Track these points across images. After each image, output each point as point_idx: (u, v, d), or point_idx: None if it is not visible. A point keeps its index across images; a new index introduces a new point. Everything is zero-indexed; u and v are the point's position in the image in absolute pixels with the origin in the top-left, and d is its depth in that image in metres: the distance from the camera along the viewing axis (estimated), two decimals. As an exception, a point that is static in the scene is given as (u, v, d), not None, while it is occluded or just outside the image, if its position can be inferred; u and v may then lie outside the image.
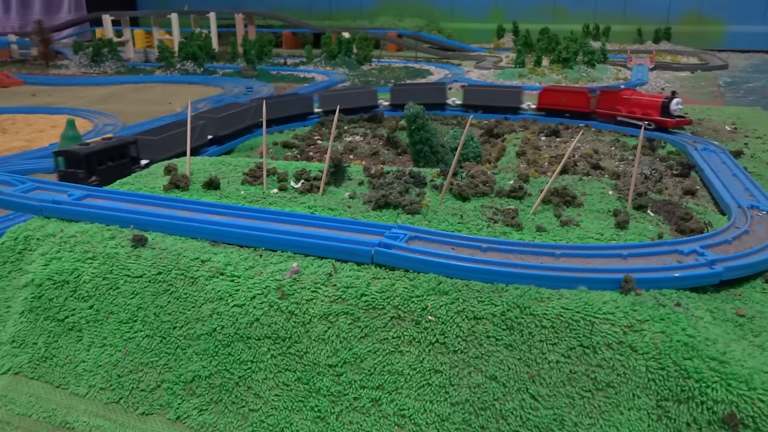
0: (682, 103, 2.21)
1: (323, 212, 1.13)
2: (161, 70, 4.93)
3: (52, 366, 0.96)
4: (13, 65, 5.46)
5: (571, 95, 2.58)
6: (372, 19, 8.48)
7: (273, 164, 1.44)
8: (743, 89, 4.28)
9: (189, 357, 0.91)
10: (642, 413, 0.74)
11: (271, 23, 8.11)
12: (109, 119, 3.00)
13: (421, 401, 0.81)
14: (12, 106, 3.39)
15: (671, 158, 1.92)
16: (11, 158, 2.21)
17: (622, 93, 2.41)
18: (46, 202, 1.11)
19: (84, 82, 4.50)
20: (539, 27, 6.23)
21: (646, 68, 5.11)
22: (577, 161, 1.83)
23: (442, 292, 0.84)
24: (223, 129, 2.18)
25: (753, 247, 0.98)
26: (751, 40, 7.27)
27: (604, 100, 2.49)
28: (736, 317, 0.83)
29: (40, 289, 1.00)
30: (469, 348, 0.81)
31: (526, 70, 4.79)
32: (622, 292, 0.83)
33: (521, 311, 0.81)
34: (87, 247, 1.01)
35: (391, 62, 5.98)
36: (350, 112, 2.68)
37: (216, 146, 2.15)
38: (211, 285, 0.92)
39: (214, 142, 2.16)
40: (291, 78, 4.73)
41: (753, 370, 0.71)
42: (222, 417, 0.87)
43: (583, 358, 0.77)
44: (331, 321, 0.86)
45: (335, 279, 0.89)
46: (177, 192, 1.26)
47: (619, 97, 2.40)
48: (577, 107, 2.55)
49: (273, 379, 0.87)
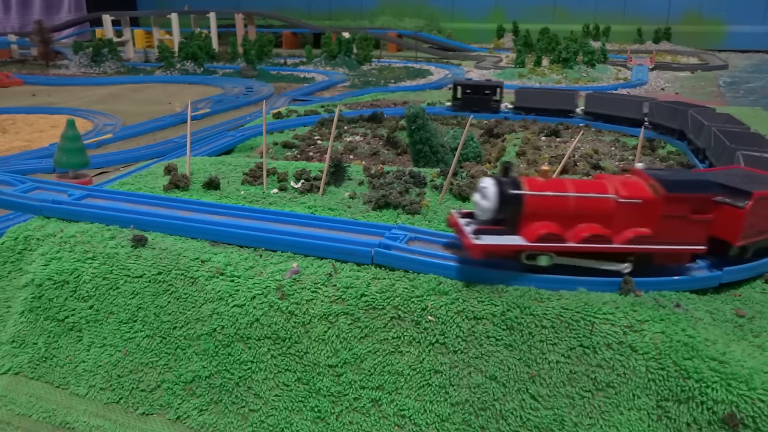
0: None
1: (323, 212, 1.13)
2: (161, 70, 4.93)
3: (52, 366, 0.96)
4: (13, 65, 5.45)
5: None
6: (372, 19, 8.48)
7: (273, 164, 1.44)
8: (743, 89, 4.28)
9: (189, 357, 0.91)
10: (642, 413, 0.74)
11: (271, 23, 8.11)
12: (109, 119, 3.00)
13: (421, 401, 0.81)
14: (12, 106, 3.39)
15: (671, 158, 1.92)
16: (11, 158, 2.20)
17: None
18: (46, 202, 1.11)
19: (84, 82, 4.50)
20: (539, 27, 6.23)
21: (646, 68, 5.12)
22: (577, 161, 1.83)
23: (442, 293, 0.84)
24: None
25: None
26: (751, 40, 7.28)
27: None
28: (736, 318, 0.84)
29: (40, 289, 1.00)
30: (469, 348, 0.81)
31: (526, 70, 4.79)
32: (622, 293, 0.83)
33: (521, 311, 0.81)
34: (87, 247, 1.01)
35: (391, 62, 5.98)
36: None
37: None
38: (211, 285, 0.92)
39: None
40: (291, 78, 4.73)
41: (753, 370, 0.71)
42: (222, 417, 0.87)
43: (583, 359, 0.77)
44: (331, 321, 0.86)
45: (335, 279, 0.89)
46: (177, 192, 1.26)
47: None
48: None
49: (273, 380, 0.87)
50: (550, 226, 0.82)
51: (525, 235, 0.82)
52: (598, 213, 0.83)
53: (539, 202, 0.82)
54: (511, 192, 0.82)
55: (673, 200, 0.83)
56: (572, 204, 0.83)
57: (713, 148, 1.67)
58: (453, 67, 5.49)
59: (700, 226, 0.86)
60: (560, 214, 0.83)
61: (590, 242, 0.83)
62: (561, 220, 0.83)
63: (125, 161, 2.20)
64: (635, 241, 0.84)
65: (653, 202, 0.83)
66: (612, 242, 0.83)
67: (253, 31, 6.83)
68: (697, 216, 0.85)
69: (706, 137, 1.75)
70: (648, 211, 0.83)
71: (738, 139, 1.56)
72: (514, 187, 0.82)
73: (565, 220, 0.83)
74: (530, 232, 0.82)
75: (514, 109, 2.75)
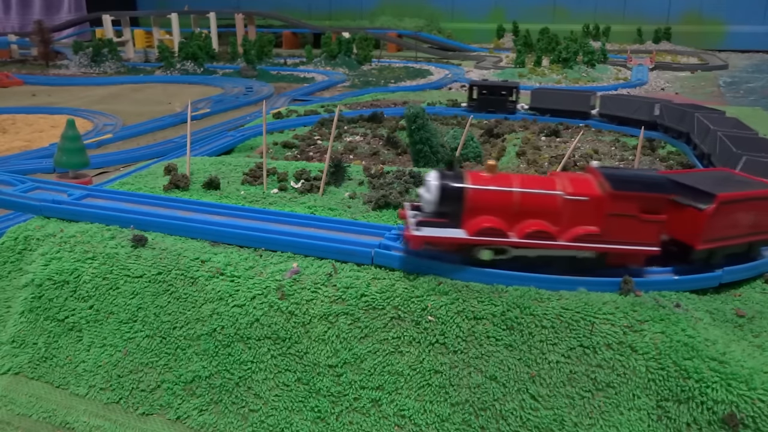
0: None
1: (323, 212, 1.14)
2: (161, 70, 4.93)
3: (52, 366, 0.96)
4: (13, 65, 5.46)
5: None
6: (372, 19, 8.48)
7: (273, 164, 1.44)
8: (743, 89, 4.28)
9: (189, 357, 0.91)
10: (642, 413, 0.74)
11: (271, 23, 8.11)
12: (109, 119, 3.00)
13: (421, 402, 0.81)
14: (12, 106, 3.39)
15: (671, 158, 1.92)
16: (11, 158, 2.20)
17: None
18: (46, 202, 1.11)
19: (84, 82, 4.50)
20: (539, 27, 6.24)
21: (646, 68, 5.12)
22: (577, 161, 1.83)
23: (442, 293, 0.84)
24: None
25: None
26: (751, 40, 7.28)
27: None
28: (736, 318, 0.84)
29: (40, 289, 1.00)
30: (469, 348, 0.81)
31: (526, 70, 4.79)
32: (622, 293, 0.83)
33: (521, 311, 0.81)
34: (87, 247, 1.01)
35: (391, 62, 5.98)
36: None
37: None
38: (211, 285, 0.92)
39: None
40: (291, 78, 4.73)
41: (753, 370, 0.71)
42: (222, 417, 0.87)
43: (583, 359, 0.77)
44: (331, 321, 0.86)
45: (335, 279, 0.89)
46: (177, 192, 1.26)
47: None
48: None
49: (273, 380, 0.87)
50: (492, 221, 0.82)
51: (467, 228, 0.83)
52: (544, 209, 0.83)
53: (481, 196, 0.82)
54: (453, 186, 0.82)
55: (619, 198, 0.82)
56: (516, 199, 0.82)
57: (719, 155, 1.61)
58: (453, 67, 5.49)
59: (653, 226, 0.83)
60: (504, 209, 0.82)
61: (534, 238, 0.82)
62: (505, 216, 0.83)
63: (125, 161, 2.20)
64: (582, 239, 0.83)
65: (600, 200, 0.82)
66: (557, 239, 0.83)
67: (253, 31, 6.83)
68: (648, 216, 0.83)
69: (712, 142, 1.70)
70: (595, 209, 0.82)
71: (744, 144, 1.51)
72: (456, 181, 0.83)
73: (510, 216, 0.83)
74: (472, 225, 0.82)
75: (529, 109, 2.71)
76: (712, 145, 1.70)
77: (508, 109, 2.72)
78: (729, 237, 0.89)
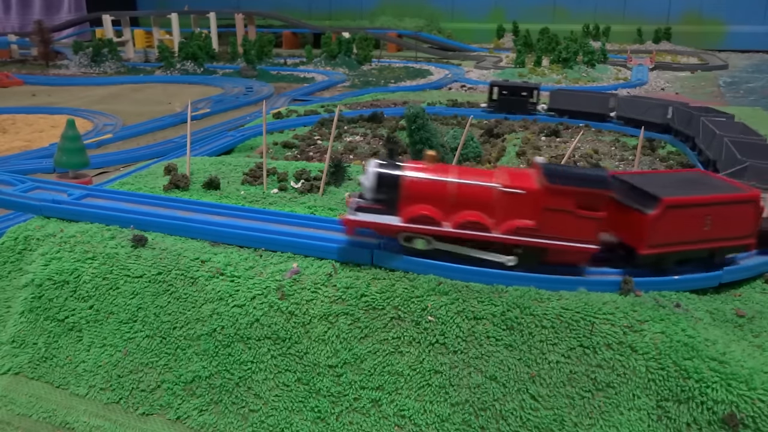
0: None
1: (323, 212, 1.14)
2: (161, 70, 4.93)
3: (52, 366, 0.96)
4: (13, 65, 5.45)
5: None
6: (372, 19, 8.48)
7: (273, 164, 1.44)
8: (743, 89, 4.28)
9: (189, 357, 0.91)
10: (642, 413, 0.74)
11: (271, 23, 8.11)
12: (109, 119, 3.00)
13: (421, 402, 0.81)
14: (12, 106, 3.39)
15: (671, 158, 1.92)
16: (11, 158, 2.20)
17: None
18: (46, 202, 1.11)
19: (84, 82, 4.50)
20: (539, 27, 6.24)
21: (646, 68, 5.12)
22: (577, 161, 1.83)
23: (442, 293, 0.84)
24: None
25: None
26: (751, 40, 7.28)
27: None
28: (736, 318, 0.84)
29: (40, 289, 1.00)
30: (469, 348, 0.81)
31: (526, 70, 4.79)
32: (622, 293, 0.83)
33: (521, 311, 0.81)
34: (87, 247, 1.01)
35: (391, 62, 5.98)
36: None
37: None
38: (211, 285, 0.92)
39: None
40: (291, 78, 4.73)
41: (753, 370, 0.71)
42: (222, 417, 0.87)
43: (583, 359, 0.77)
44: (331, 321, 0.86)
45: (335, 279, 0.89)
46: (177, 192, 1.26)
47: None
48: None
49: (273, 380, 0.87)
50: (426, 209, 0.83)
51: (402, 216, 0.84)
52: (480, 201, 0.83)
53: (417, 185, 0.83)
54: (389, 173, 0.84)
55: (555, 193, 0.81)
56: (452, 190, 0.83)
57: (724, 161, 1.53)
58: (453, 67, 5.49)
59: (590, 223, 0.82)
60: (439, 198, 0.83)
61: (467, 229, 0.82)
62: (441, 205, 0.83)
63: (125, 161, 2.20)
64: (517, 232, 0.82)
65: (536, 194, 0.82)
66: (491, 231, 0.83)
67: (253, 31, 6.83)
68: (584, 212, 0.82)
69: (718, 148, 1.62)
70: (531, 202, 0.82)
71: (750, 150, 1.44)
72: (393, 169, 0.84)
73: (446, 206, 0.83)
74: (406, 213, 0.84)
75: (548, 110, 2.67)
76: (717, 151, 1.62)
77: (529, 110, 2.68)
78: (682, 242, 0.86)
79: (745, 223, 0.88)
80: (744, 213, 0.87)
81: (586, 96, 2.62)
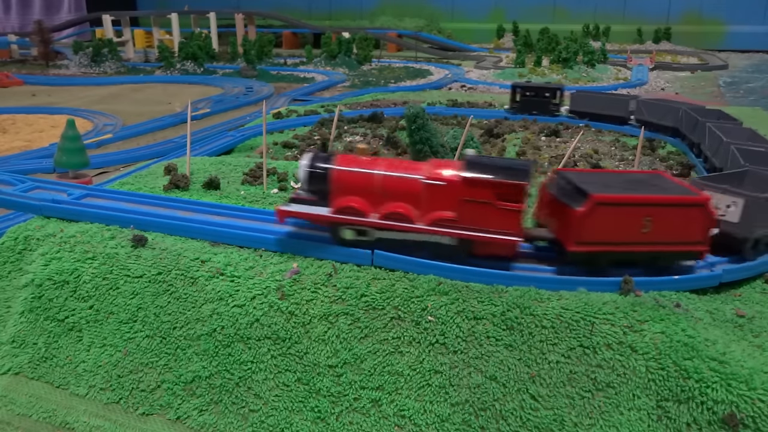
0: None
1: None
2: (161, 70, 4.93)
3: (52, 366, 0.96)
4: (13, 65, 5.45)
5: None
6: (372, 19, 8.48)
7: (273, 164, 1.44)
8: (743, 89, 4.28)
9: (189, 357, 0.91)
10: (642, 413, 0.74)
11: (271, 23, 8.11)
12: (109, 119, 3.00)
13: (421, 402, 0.81)
14: (12, 106, 3.39)
15: (671, 158, 1.92)
16: (11, 158, 2.20)
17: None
18: (46, 202, 1.11)
19: (84, 82, 4.49)
20: (539, 27, 6.23)
21: (646, 68, 5.11)
22: (577, 161, 1.83)
23: (442, 293, 0.84)
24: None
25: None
26: (751, 40, 7.28)
27: None
28: (736, 318, 0.84)
29: (40, 289, 1.00)
30: (469, 348, 0.81)
31: (526, 70, 4.79)
32: (622, 293, 0.83)
33: (521, 311, 0.81)
34: (87, 247, 1.01)
35: (391, 62, 5.98)
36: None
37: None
38: (211, 285, 0.92)
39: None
40: (291, 78, 4.73)
41: (753, 370, 0.71)
42: (222, 417, 0.87)
43: (583, 359, 0.77)
44: (331, 321, 0.86)
45: (335, 279, 0.89)
46: (177, 192, 1.26)
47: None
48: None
49: (273, 380, 0.87)
50: (354, 201, 0.85)
51: (332, 207, 0.87)
52: (405, 193, 0.85)
53: (345, 177, 0.86)
54: (319, 166, 0.87)
55: (471, 184, 0.82)
56: (378, 182, 0.85)
57: (729, 169, 1.40)
58: (453, 67, 5.49)
59: (511, 215, 0.83)
60: (367, 190, 0.86)
61: (392, 220, 0.85)
62: (370, 197, 0.86)
63: (125, 161, 2.20)
64: (437, 223, 0.84)
65: (454, 185, 0.83)
66: (415, 222, 0.85)
67: (253, 31, 6.83)
68: (503, 204, 0.82)
69: (724, 155, 1.52)
70: (451, 194, 0.84)
71: (758, 160, 1.33)
72: (324, 162, 0.88)
73: (375, 198, 0.86)
74: (335, 204, 0.87)
75: (570, 113, 2.63)
76: (724, 158, 1.52)
77: (552, 111, 2.65)
78: (616, 242, 0.84)
79: (694, 229, 0.84)
80: (691, 218, 0.83)
81: (606, 98, 2.57)
